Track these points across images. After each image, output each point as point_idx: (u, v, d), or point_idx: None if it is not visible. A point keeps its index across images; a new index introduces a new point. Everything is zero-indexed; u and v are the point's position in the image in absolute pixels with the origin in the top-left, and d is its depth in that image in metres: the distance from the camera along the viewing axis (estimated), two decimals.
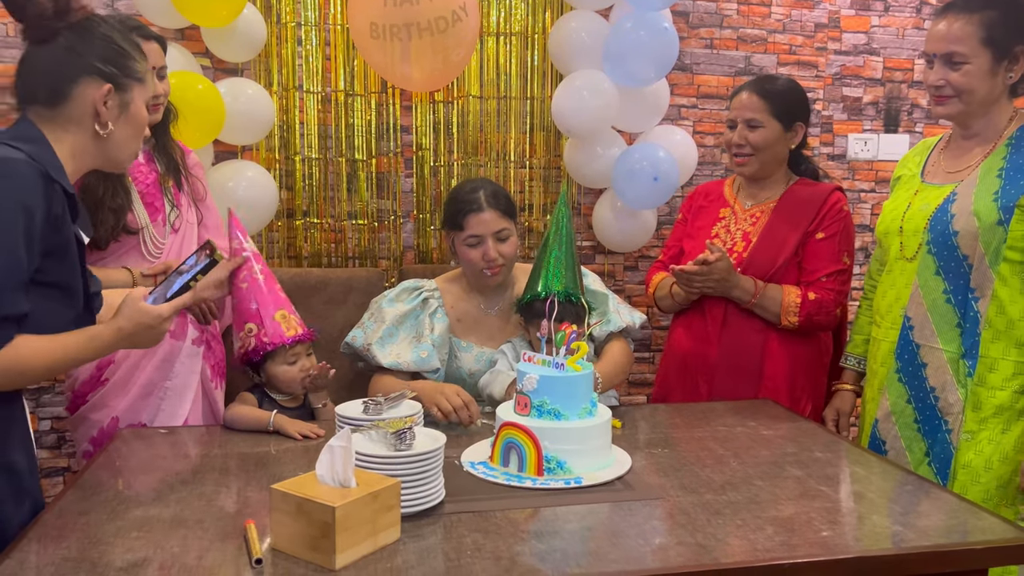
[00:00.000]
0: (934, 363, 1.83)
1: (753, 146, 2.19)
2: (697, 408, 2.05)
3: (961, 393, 1.78)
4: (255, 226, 2.70)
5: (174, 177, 2.09)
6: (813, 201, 2.20)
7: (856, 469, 1.63)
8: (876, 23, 3.21)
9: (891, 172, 3.28)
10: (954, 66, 1.78)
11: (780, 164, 2.26)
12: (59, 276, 1.34)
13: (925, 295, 1.84)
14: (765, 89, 2.20)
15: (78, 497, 1.41)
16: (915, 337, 1.86)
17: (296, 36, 2.78)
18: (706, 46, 3.09)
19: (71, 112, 1.36)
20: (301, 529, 1.18)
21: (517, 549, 1.24)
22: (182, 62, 2.51)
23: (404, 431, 1.35)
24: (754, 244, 2.20)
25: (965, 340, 1.78)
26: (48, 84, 1.35)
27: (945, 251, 1.81)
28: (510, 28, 2.91)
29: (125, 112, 1.41)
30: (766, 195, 2.27)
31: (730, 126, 2.25)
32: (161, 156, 2.07)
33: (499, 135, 2.96)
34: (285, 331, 1.87)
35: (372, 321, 2.08)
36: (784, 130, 2.20)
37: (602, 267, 3.10)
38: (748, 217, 2.26)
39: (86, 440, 2.01)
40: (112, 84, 1.37)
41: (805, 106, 2.25)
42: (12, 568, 1.15)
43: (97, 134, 1.38)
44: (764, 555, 1.23)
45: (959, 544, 1.28)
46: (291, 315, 1.92)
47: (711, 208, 2.35)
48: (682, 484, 1.51)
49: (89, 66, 1.35)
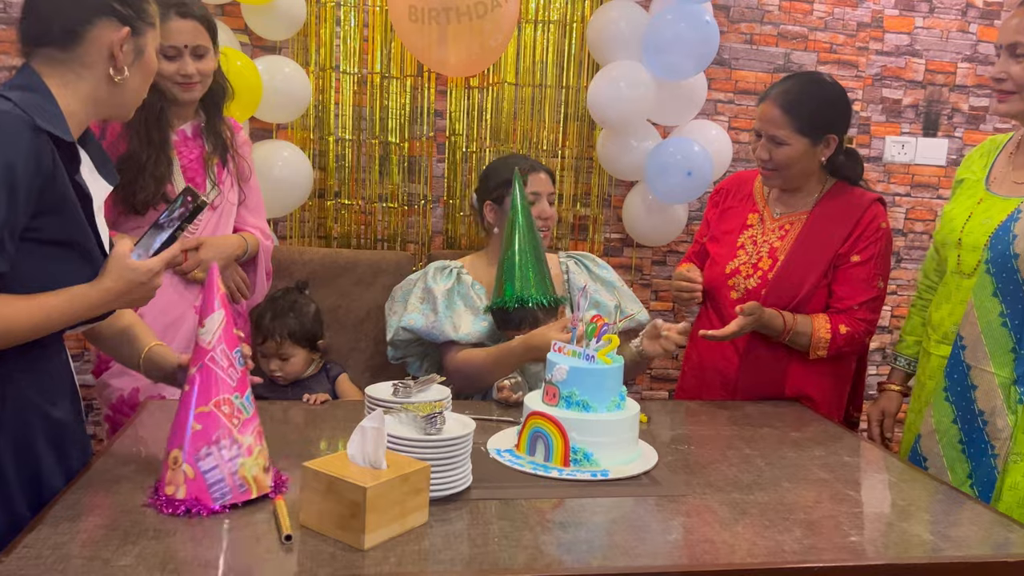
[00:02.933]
0: (984, 386, 1.75)
1: (777, 163, 2.03)
2: (723, 407, 2.03)
3: (1011, 419, 1.71)
4: (289, 206, 2.71)
5: (220, 156, 2.09)
6: (849, 215, 2.03)
7: (885, 476, 1.62)
8: (920, 24, 3.16)
9: (928, 176, 3.25)
10: (1018, 58, 1.68)
11: (811, 175, 2.09)
12: (61, 232, 1.28)
13: (980, 316, 1.76)
14: (789, 102, 1.99)
15: (108, 466, 1.43)
16: (966, 357, 1.78)
17: (335, 16, 2.78)
18: (745, 41, 3.06)
19: (85, 55, 1.30)
20: (331, 508, 1.18)
21: (543, 539, 1.24)
22: (222, 38, 2.52)
23: (434, 415, 1.35)
24: (780, 264, 2.05)
25: (1018, 366, 1.70)
26: (62, 24, 1.28)
27: (1004, 273, 1.71)
28: (548, 16, 2.89)
29: (140, 57, 1.36)
30: (799, 203, 2.11)
31: (756, 135, 2.07)
32: (210, 135, 2.08)
33: (533, 123, 2.95)
34: (166, 484, 1.28)
35: (424, 303, 2.13)
36: (812, 144, 2.02)
37: (630, 260, 3.09)
38: (777, 228, 2.10)
39: (107, 406, 2.05)
40: (130, 27, 1.32)
41: (837, 115, 2.06)
42: (46, 533, 1.17)
43: (111, 79, 1.32)
44: (791, 557, 1.22)
45: (992, 556, 1.27)
46: (186, 463, 1.26)
47: (739, 210, 2.20)
48: (708, 482, 1.50)
49: (106, 6, 1.30)
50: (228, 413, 1.26)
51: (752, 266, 2.10)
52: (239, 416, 1.28)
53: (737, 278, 2.12)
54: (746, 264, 2.11)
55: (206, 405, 1.26)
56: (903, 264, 3.30)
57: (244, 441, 1.28)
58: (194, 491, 1.24)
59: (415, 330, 2.12)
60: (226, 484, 1.26)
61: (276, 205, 2.63)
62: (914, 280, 3.29)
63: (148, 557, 1.11)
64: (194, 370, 1.27)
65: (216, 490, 1.25)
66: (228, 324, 1.29)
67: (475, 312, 2.15)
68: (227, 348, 1.28)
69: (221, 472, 1.25)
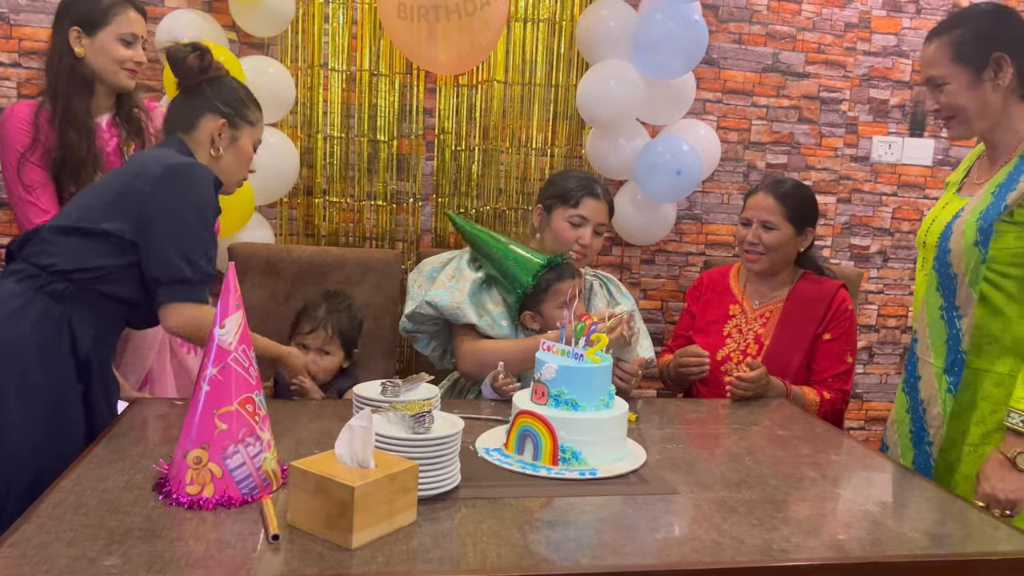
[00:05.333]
0: (926, 376, 1.85)
1: (766, 246, 2.29)
2: (711, 405, 2.04)
3: (941, 407, 1.80)
4: (275, 195, 2.69)
5: (137, 138, 2.17)
6: (820, 300, 2.29)
7: (872, 474, 1.63)
8: (907, 25, 3.18)
9: (914, 176, 3.27)
10: (939, 88, 1.79)
11: (788, 264, 2.36)
12: None
13: (928, 310, 1.85)
14: (781, 193, 2.30)
15: (95, 465, 1.42)
16: (917, 350, 1.89)
17: (324, 13, 2.76)
18: (734, 41, 3.07)
19: (198, 137, 1.80)
20: (319, 507, 1.18)
21: (531, 537, 1.24)
22: (210, 33, 2.51)
23: (423, 414, 1.35)
24: (767, 349, 2.28)
25: (949, 355, 1.79)
26: (186, 116, 1.81)
27: (944, 267, 1.81)
28: (538, 14, 2.89)
29: (234, 144, 1.84)
30: (774, 294, 2.35)
31: (744, 223, 2.34)
32: (123, 121, 2.17)
33: (522, 122, 2.94)
34: (187, 483, 1.28)
35: (453, 281, 2.10)
36: (796, 234, 2.30)
37: (619, 259, 3.09)
38: (758, 318, 2.34)
39: None
40: (226, 120, 1.81)
41: (816, 213, 2.36)
42: (31, 532, 1.15)
43: (211, 156, 1.81)
44: (779, 555, 1.22)
45: (976, 554, 1.28)
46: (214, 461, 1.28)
47: (720, 302, 2.41)
48: (696, 480, 1.50)
49: (213, 105, 1.80)
50: (251, 411, 1.30)
51: (742, 352, 2.30)
52: (259, 413, 1.32)
53: (729, 364, 2.30)
54: (736, 351, 2.32)
55: (231, 405, 1.28)
56: (890, 264, 3.32)
57: (264, 437, 1.33)
58: (223, 489, 1.27)
59: (439, 306, 2.06)
60: (252, 480, 1.30)
61: (260, 195, 2.61)
62: (900, 279, 3.32)
63: (134, 557, 1.10)
64: (215, 370, 1.28)
65: (244, 486, 1.29)
66: (244, 323, 1.32)
67: (499, 307, 2.12)
68: (246, 347, 1.31)
69: (248, 469, 1.29)
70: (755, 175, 3.14)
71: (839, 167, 3.23)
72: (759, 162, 3.16)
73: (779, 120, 3.15)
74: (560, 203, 2.18)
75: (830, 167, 3.22)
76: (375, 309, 2.59)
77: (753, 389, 2.07)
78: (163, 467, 1.36)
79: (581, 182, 2.20)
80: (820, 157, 3.21)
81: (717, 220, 3.16)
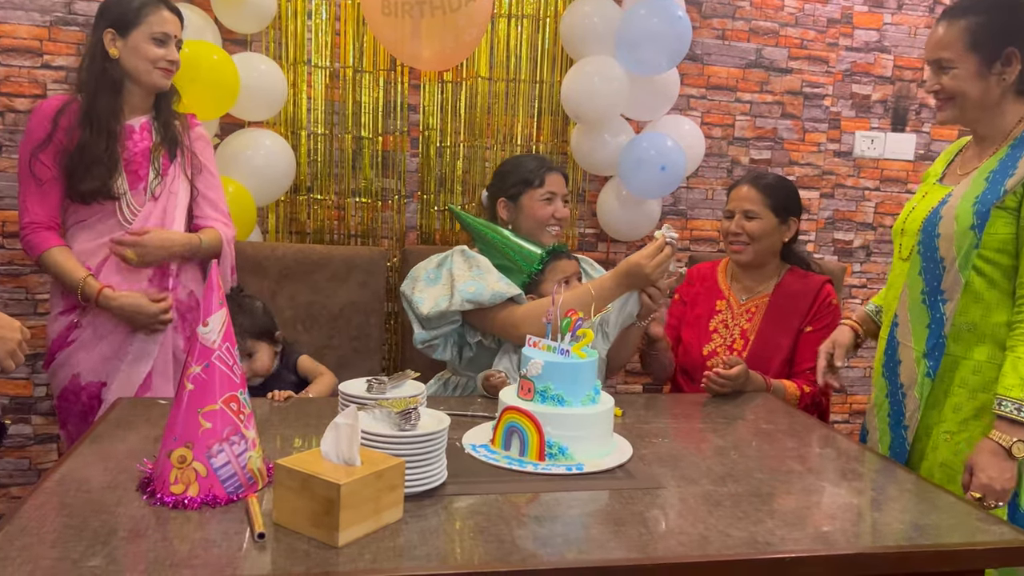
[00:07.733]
0: (906, 361, 1.86)
1: (749, 235, 2.31)
2: (696, 399, 2.05)
3: (918, 391, 1.81)
4: (271, 197, 2.68)
5: (168, 148, 2.13)
6: (805, 295, 2.31)
7: (856, 466, 1.64)
8: (889, 20, 3.20)
9: (896, 171, 3.30)
10: (944, 71, 1.79)
11: (774, 255, 2.37)
12: None
13: (909, 295, 1.86)
14: (762, 184, 2.34)
15: (77, 466, 1.41)
16: (898, 335, 1.89)
17: (307, 9, 2.75)
18: (718, 37, 3.07)
19: None
20: (305, 505, 1.17)
21: (518, 533, 1.24)
22: (199, 27, 2.49)
23: (409, 411, 1.35)
24: (752, 345, 2.30)
25: (929, 340, 1.80)
26: None
27: (928, 252, 1.82)
28: (522, 10, 2.89)
29: None
30: (760, 288, 2.37)
31: (727, 216, 2.37)
32: (160, 127, 2.13)
33: (507, 118, 2.94)
34: (172, 483, 1.27)
35: (473, 269, 2.05)
36: (779, 223, 2.32)
37: (604, 255, 3.10)
38: (744, 313, 2.35)
39: (56, 396, 2.15)
40: None
41: (798, 204, 2.38)
42: (13, 534, 1.14)
43: None
44: (765, 548, 1.23)
45: (961, 544, 1.29)
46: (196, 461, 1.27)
47: (707, 297, 2.43)
48: (682, 474, 1.51)
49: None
50: (236, 410, 1.29)
51: (727, 347, 2.32)
52: (244, 411, 1.31)
53: (715, 360, 2.30)
54: (721, 347, 2.34)
55: (215, 403, 1.27)
56: (872, 258, 3.34)
57: (249, 435, 1.31)
58: (207, 488, 1.26)
59: (479, 299, 1.98)
60: (238, 479, 1.29)
61: (260, 196, 2.60)
62: (883, 274, 3.34)
63: (118, 558, 1.09)
64: (199, 368, 1.27)
65: (229, 485, 1.28)
66: (228, 322, 1.31)
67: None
68: (230, 345, 1.30)
69: (233, 468, 1.28)
70: (739, 170, 3.15)
71: (822, 162, 3.24)
72: (743, 157, 3.17)
73: (762, 116, 3.16)
74: (526, 187, 2.19)
75: (813, 162, 3.24)
76: (360, 307, 2.58)
77: (731, 386, 2.07)
78: (147, 467, 1.35)
79: (536, 162, 2.23)
80: (803, 152, 3.23)
81: (702, 215, 3.17)
